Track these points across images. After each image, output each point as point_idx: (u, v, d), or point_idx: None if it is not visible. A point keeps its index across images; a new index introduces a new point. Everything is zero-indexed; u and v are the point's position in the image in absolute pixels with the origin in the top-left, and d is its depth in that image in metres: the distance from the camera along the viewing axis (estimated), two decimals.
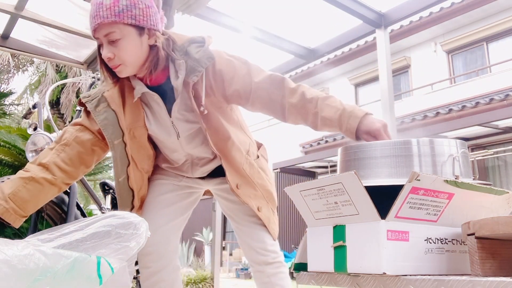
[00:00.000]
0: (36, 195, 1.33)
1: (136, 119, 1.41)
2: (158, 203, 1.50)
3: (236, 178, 1.43)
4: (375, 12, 3.19)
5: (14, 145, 3.35)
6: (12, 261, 0.93)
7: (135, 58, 1.31)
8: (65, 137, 1.42)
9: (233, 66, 1.39)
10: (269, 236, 1.50)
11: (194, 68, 1.33)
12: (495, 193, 0.98)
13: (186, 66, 1.34)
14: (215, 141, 1.40)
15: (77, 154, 1.41)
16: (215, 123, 1.40)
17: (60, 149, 1.40)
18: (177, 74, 1.35)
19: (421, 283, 0.81)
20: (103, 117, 1.39)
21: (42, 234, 1.19)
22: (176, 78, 1.36)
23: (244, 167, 1.46)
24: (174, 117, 1.41)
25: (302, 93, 1.33)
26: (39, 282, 0.96)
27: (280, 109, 1.37)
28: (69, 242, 1.17)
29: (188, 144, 1.45)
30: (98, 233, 1.24)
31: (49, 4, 3.28)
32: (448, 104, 8.75)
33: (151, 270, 1.45)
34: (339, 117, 1.25)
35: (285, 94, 1.35)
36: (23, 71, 10.81)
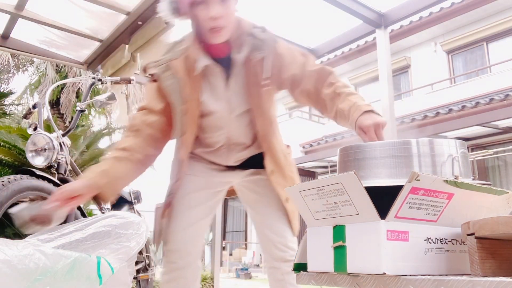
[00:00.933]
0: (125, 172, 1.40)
1: (193, 91, 1.44)
2: (189, 200, 1.52)
3: (272, 164, 1.48)
4: (375, 12, 3.19)
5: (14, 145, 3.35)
6: (12, 261, 0.93)
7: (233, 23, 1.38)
8: (134, 123, 1.48)
9: (292, 53, 1.46)
10: (291, 231, 1.51)
11: (258, 46, 1.39)
12: (495, 193, 0.98)
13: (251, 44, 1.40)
14: (261, 122, 1.46)
15: (150, 137, 1.46)
16: (264, 103, 1.46)
17: (134, 135, 1.45)
18: (240, 50, 1.40)
19: (421, 283, 0.81)
20: (169, 83, 1.44)
21: (42, 234, 1.19)
22: (237, 53, 1.41)
23: (280, 156, 1.50)
24: (231, 91, 1.45)
25: (335, 87, 1.38)
26: (39, 282, 0.96)
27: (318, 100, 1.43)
28: (69, 242, 1.17)
29: (236, 122, 1.48)
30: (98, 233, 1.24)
31: (49, 4, 3.28)
32: (448, 104, 8.75)
33: (176, 265, 1.47)
34: (349, 109, 1.29)
35: (324, 86, 1.41)
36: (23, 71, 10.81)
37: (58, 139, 2.16)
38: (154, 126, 1.47)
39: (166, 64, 1.45)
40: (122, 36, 3.51)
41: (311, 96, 1.44)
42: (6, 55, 9.60)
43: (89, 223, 1.30)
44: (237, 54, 1.41)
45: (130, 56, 3.52)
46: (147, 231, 1.44)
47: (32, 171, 1.92)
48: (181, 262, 1.47)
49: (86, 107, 2.51)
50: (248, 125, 1.49)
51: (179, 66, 1.43)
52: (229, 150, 1.53)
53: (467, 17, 9.70)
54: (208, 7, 1.31)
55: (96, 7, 3.24)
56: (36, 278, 0.96)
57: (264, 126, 1.47)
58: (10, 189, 1.73)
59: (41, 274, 0.97)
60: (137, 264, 2.69)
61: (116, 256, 1.20)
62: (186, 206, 1.51)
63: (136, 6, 3.17)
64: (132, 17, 3.27)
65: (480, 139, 8.29)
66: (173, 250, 1.47)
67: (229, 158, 1.53)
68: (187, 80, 1.43)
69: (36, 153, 2.10)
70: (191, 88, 1.43)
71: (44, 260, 0.99)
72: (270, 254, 1.51)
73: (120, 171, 1.39)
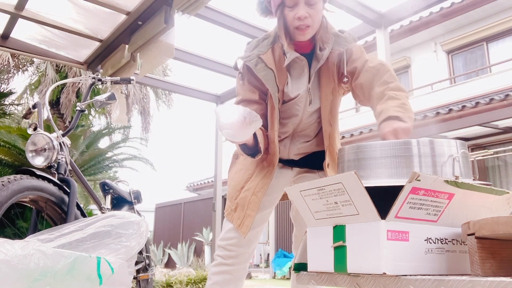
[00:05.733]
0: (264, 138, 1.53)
1: (280, 83, 1.56)
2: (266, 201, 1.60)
3: (330, 158, 1.58)
4: (375, 12, 3.19)
5: (14, 145, 3.35)
6: (12, 261, 0.93)
7: (319, 23, 1.51)
8: None
9: (361, 51, 1.59)
10: None
11: (340, 42, 1.55)
12: (495, 193, 0.98)
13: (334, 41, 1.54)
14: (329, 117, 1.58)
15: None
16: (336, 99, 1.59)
17: None
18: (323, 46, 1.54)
19: (421, 283, 0.81)
20: (263, 73, 1.55)
21: (42, 234, 1.19)
22: (320, 49, 1.55)
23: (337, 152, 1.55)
24: (312, 84, 1.57)
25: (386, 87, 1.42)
26: (39, 282, 0.96)
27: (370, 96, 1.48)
28: (69, 242, 1.17)
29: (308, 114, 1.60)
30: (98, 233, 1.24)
31: (49, 4, 3.28)
32: (448, 104, 8.75)
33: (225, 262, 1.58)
34: (380, 113, 1.33)
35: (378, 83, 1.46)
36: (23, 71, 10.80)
37: (58, 139, 2.16)
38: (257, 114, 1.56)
39: (257, 58, 1.57)
40: (122, 36, 3.51)
41: (365, 90, 1.50)
42: (6, 55, 9.59)
43: (89, 223, 1.30)
44: (320, 51, 1.54)
45: (130, 56, 3.52)
46: (147, 231, 1.44)
47: (32, 171, 1.92)
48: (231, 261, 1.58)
49: (86, 107, 2.51)
50: (316, 120, 1.62)
51: (269, 58, 1.56)
52: (292, 141, 1.64)
53: (467, 17, 9.69)
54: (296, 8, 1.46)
55: (96, 7, 3.23)
56: (36, 278, 0.96)
57: (330, 124, 1.58)
58: (10, 189, 1.72)
59: (41, 274, 0.97)
60: (137, 264, 2.69)
61: (116, 256, 1.20)
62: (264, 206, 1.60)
63: (136, 6, 3.17)
64: (132, 17, 3.27)
65: (480, 139, 8.28)
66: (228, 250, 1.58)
67: (290, 150, 1.65)
68: (276, 71, 1.56)
69: (36, 153, 2.10)
70: (279, 79, 1.56)
71: (44, 260, 0.99)
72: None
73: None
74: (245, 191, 1.58)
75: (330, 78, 1.56)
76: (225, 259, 1.59)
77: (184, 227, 12.62)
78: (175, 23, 3.09)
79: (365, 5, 3.12)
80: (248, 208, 1.55)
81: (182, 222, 12.81)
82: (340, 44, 1.54)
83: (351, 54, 1.56)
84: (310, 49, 1.58)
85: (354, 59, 1.55)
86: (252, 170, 1.61)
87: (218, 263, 1.60)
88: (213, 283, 1.59)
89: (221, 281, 1.58)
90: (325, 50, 1.53)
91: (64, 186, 2.02)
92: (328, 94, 1.57)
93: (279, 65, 1.57)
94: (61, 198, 1.99)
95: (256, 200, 1.55)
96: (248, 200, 1.55)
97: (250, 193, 1.56)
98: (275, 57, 1.58)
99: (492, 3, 8.99)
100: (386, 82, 1.44)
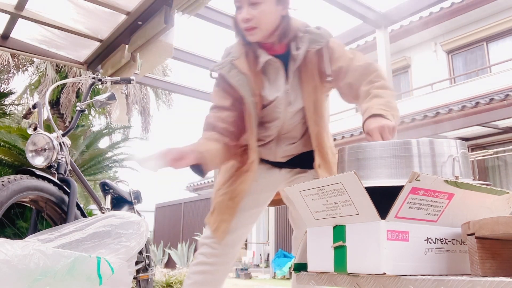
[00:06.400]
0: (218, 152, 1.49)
1: (256, 87, 1.53)
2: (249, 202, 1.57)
3: (320, 159, 1.53)
4: (375, 12, 3.19)
5: (14, 145, 3.35)
6: (12, 261, 0.93)
7: (269, 24, 1.47)
8: (209, 121, 1.56)
9: (342, 48, 1.55)
10: None
11: (316, 40, 1.50)
12: (495, 193, 0.98)
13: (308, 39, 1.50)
14: (314, 117, 1.53)
15: (225, 131, 1.54)
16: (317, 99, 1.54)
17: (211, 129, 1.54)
18: (298, 46, 1.50)
19: (421, 283, 0.81)
20: (236, 79, 1.53)
21: (42, 234, 1.19)
22: (296, 49, 1.51)
23: (328, 152, 1.55)
24: (290, 85, 1.53)
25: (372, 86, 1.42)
26: (39, 282, 0.96)
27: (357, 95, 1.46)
28: (69, 242, 1.17)
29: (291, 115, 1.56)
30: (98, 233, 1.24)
31: (49, 4, 3.28)
32: (448, 104, 8.74)
33: (207, 260, 1.53)
34: (364, 111, 1.32)
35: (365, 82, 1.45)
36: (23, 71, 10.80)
37: (58, 139, 2.16)
38: (227, 121, 1.55)
39: (230, 64, 1.55)
40: (122, 36, 3.51)
41: (353, 89, 1.48)
42: (6, 55, 9.60)
43: (89, 223, 1.30)
44: (296, 51, 1.50)
45: (130, 56, 3.52)
46: (147, 231, 1.44)
47: (32, 171, 1.92)
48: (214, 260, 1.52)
49: (86, 107, 2.51)
50: (301, 120, 1.57)
51: (242, 63, 1.54)
52: (277, 144, 1.60)
53: (467, 17, 9.69)
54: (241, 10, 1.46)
55: (96, 7, 3.24)
56: (36, 278, 0.96)
57: (316, 122, 1.54)
58: (10, 189, 1.72)
59: (41, 274, 0.97)
60: (137, 264, 2.69)
61: (116, 256, 1.20)
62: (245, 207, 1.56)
63: (136, 6, 3.17)
64: (132, 17, 3.27)
65: (480, 139, 8.28)
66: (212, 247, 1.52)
67: (277, 153, 1.61)
68: (251, 76, 1.53)
69: (36, 153, 2.10)
70: (255, 83, 1.53)
71: (44, 260, 0.99)
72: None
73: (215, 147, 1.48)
74: (222, 194, 1.55)
75: (311, 77, 1.53)
76: (207, 257, 1.53)
77: (184, 227, 12.62)
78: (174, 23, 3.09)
79: (365, 5, 3.12)
80: (225, 213, 1.52)
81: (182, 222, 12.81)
82: (316, 42, 1.50)
83: (332, 52, 1.53)
84: (284, 50, 1.55)
85: (337, 57, 1.52)
86: (231, 173, 1.58)
87: (199, 262, 1.54)
88: (193, 283, 1.53)
89: (201, 281, 1.52)
90: (301, 49, 1.50)
91: (64, 186, 2.02)
92: (311, 93, 1.53)
93: (253, 69, 1.55)
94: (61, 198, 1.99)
95: (233, 205, 1.52)
96: (225, 205, 1.53)
97: (227, 198, 1.53)
98: (249, 61, 1.55)
99: (492, 3, 8.99)
100: (372, 81, 1.43)
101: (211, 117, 1.58)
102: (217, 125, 1.54)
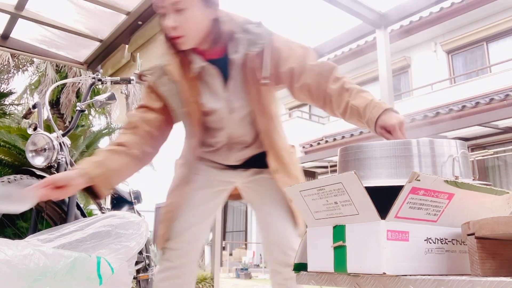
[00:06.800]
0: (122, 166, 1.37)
1: (192, 94, 1.43)
2: (193, 199, 1.50)
3: (276, 162, 1.45)
4: (375, 12, 3.19)
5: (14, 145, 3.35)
6: (12, 261, 0.93)
7: (198, 30, 1.35)
8: (133, 121, 1.46)
9: (290, 46, 1.44)
10: (296, 233, 1.47)
11: (254, 41, 1.37)
12: (495, 193, 0.98)
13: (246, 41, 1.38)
14: (262, 120, 1.44)
15: (148, 134, 1.44)
16: (264, 101, 1.44)
17: (131, 132, 1.44)
18: (236, 49, 1.39)
19: (421, 283, 0.81)
20: (166, 88, 1.43)
21: (42, 234, 1.19)
22: (234, 53, 1.39)
23: (283, 154, 1.48)
24: (230, 92, 1.44)
25: (343, 82, 1.35)
26: (39, 282, 0.96)
27: (322, 95, 1.39)
28: (69, 242, 1.17)
29: (237, 121, 1.47)
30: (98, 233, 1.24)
31: (49, 4, 3.28)
32: (448, 104, 8.75)
33: (171, 264, 1.45)
34: (365, 106, 1.26)
35: (329, 80, 1.37)
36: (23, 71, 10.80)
37: (58, 139, 2.16)
38: (152, 124, 1.46)
39: (161, 70, 1.45)
40: (122, 36, 3.51)
41: (312, 91, 1.40)
42: (6, 55, 9.59)
43: (89, 223, 1.30)
44: (234, 54, 1.39)
45: (130, 56, 3.52)
46: (147, 231, 1.44)
47: (32, 171, 1.92)
48: (178, 262, 1.45)
49: (86, 107, 2.51)
50: (250, 124, 1.48)
51: (174, 70, 1.42)
52: (229, 150, 1.52)
53: (467, 17, 9.70)
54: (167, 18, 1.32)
55: (96, 7, 3.24)
56: (36, 278, 0.96)
57: (265, 124, 1.45)
58: None
59: (41, 274, 0.97)
60: (137, 264, 2.69)
61: (116, 256, 1.20)
62: (190, 205, 1.49)
63: (136, 6, 3.17)
64: (132, 17, 3.27)
65: (480, 139, 8.29)
66: (173, 249, 1.45)
67: (229, 158, 1.52)
68: (185, 83, 1.42)
69: (36, 153, 2.10)
70: (190, 91, 1.43)
71: (44, 260, 0.99)
72: (273, 257, 1.47)
73: (116, 163, 1.35)
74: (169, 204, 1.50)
75: (255, 80, 1.41)
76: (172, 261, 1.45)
77: None
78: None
79: (365, 5, 3.12)
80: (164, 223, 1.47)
81: None
82: (255, 44, 1.37)
83: (279, 52, 1.41)
84: (222, 54, 1.43)
85: (286, 57, 1.41)
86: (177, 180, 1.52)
87: (164, 268, 1.46)
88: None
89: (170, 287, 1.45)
90: (239, 53, 1.38)
91: None
92: (256, 96, 1.42)
93: (187, 75, 1.43)
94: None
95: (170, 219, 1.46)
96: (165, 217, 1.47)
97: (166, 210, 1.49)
98: (183, 66, 1.43)
99: (492, 3, 9.00)
100: (337, 78, 1.36)
101: (136, 116, 1.47)
102: (140, 127, 1.44)
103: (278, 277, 1.47)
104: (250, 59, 1.39)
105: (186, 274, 1.46)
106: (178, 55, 1.43)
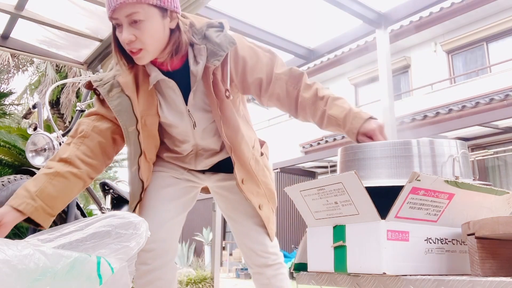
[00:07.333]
0: (63, 190, 1.26)
1: (149, 107, 1.36)
2: (161, 197, 1.45)
3: (242, 172, 1.41)
4: (375, 12, 3.19)
5: (14, 145, 3.35)
6: (12, 261, 0.93)
7: (157, 42, 1.24)
8: (82, 129, 1.34)
9: (256, 53, 1.37)
10: (268, 237, 1.48)
11: (215, 52, 1.28)
12: (495, 193, 0.98)
13: (206, 51, 1.29)
14: (227, 132, 1.37)
15: (98, 145, 1.34)
16: (228, 112, 1.36)
17: (79, 142, 1.32)
18: (196, 60, 1.31)
19: (421, 283, 0.81)
20: (116, 102, 1.32)
21: (42, 234, 1.19)
22: (195, 64, 1.31)
23: (251, 163, 1.44)
24: (191, 105, 1.37)
25: (315, 89, 1.33)
26: (39, 282, 0.96)
27: (294, 103, 1.36)
28: (69, 242, 1.17)
29: (202, 134, 1.42)
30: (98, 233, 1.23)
31: (49, 4, 3.28)
32: (448, 104, 8.75)
33: (150, 267, 1.38)
34: (344, 117, 1.25)
35: (300, 88, 1.35)
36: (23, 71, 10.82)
37: (58, 139, 2.16)
38: (105, 134, 1.35)
39: (110, 82, 1.33)
40: None
41: (282, 100, 1.37)
42: (6, 55, 9.60)
43: (89, 223, 1.30)
44: (194, 66, 1.31)
45: None
46: (147, 231, 1.44)
47: (32, 171, 1.92)
48: (156, 263, 1.38)
49: (86, 107, 2.51)
50: (215, 134, 1.43)
51: (128, 82, 1.32)
52: (197, 156, 1.48)
53: (467, 17, 9.69)
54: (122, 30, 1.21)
55: (96, 7, 3.23)
56: (36, 278, 0.96)
57: (230, 135, 1.38)
58: (10, 189, 1.72)
59: (41, 274, 0.97)
60: None
61: (116, 256, 1.19)
62: (159, 203, 1.43)
63: None
64: None
65: (480, 139, 8.29)
66: (146, 250, 1.36)
67: (198, 164, 1.48)
68: (141, 96, 1.34)
69: (36, 153, 2.10)
70: (146, 104, 1.35)
71: (44, 260, 0.99)
72: (252, 261, 1.49)
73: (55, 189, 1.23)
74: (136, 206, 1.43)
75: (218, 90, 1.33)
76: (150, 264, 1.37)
77: (184, 227, 12.52)
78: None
79: (365, 5, 3.12)
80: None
81: None
82: (215, 55, 1.28)
83: (244, 63, 1.34)
84: (182, 64, 1.33)
85: (252, 67, 1.35)
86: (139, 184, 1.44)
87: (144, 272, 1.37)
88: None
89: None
90: (199, 64, 1.29)
91: None
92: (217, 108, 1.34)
93: (144, 88, 1.34)
94: None
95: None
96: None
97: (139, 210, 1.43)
98: (138, 78, 1.34)
99: (492, 3, 9.00)
100: (308, 85, 1.34)
101: (86, 124, 1.35)
102: (91, 138, 1.33)
103: (262, 278, 1.49)
104: (211, 71, 1.30)
105: (167, 273, 1.41)
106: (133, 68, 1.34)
